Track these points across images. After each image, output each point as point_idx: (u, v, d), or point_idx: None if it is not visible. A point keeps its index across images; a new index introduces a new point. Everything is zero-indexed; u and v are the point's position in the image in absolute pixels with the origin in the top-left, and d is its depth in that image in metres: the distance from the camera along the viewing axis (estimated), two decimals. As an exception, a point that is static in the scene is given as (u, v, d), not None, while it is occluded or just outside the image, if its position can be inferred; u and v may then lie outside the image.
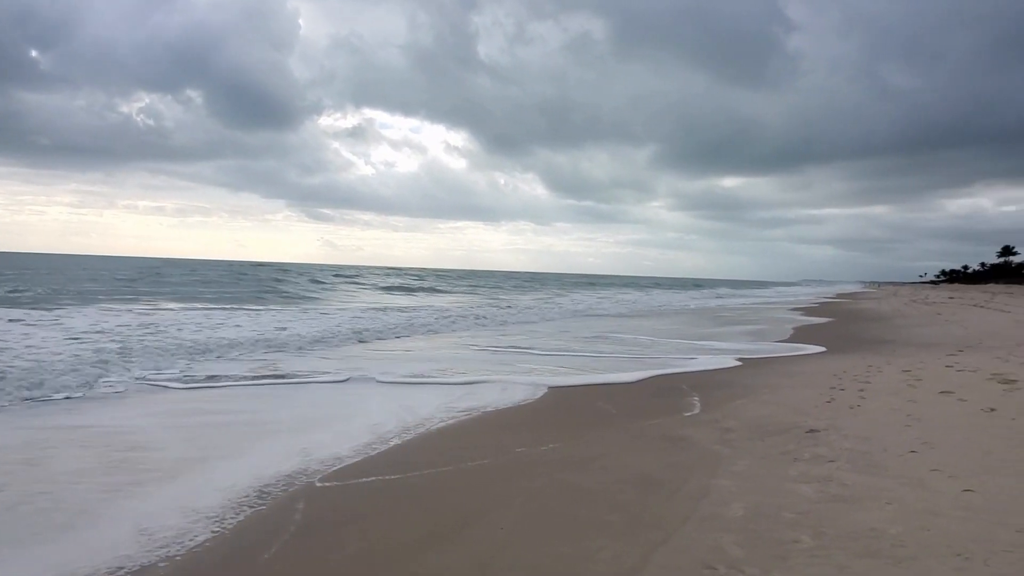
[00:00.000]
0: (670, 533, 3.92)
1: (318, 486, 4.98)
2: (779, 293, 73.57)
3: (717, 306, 39.54)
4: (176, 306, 23.58)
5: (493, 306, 30.92)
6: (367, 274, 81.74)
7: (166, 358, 10.80)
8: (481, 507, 4.50)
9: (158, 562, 3.68)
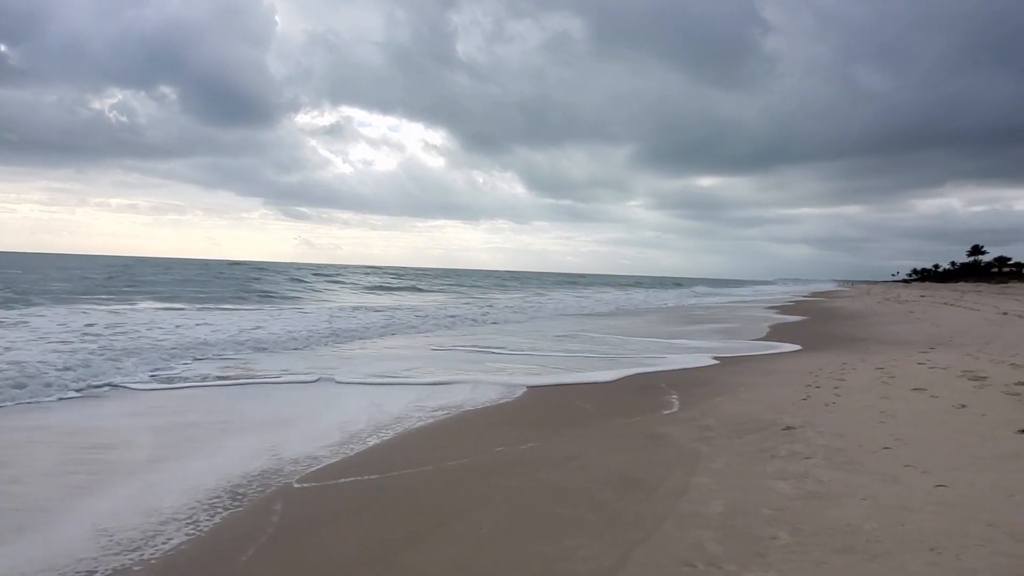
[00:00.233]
0: (650, 531, 3.93)
1: (296, 487, 4.92)
2: (756, 291, 74.45)
3: (694, 304, 39.90)
4: (148, 305, 23.20)
5: (473, 305, 30.86)
6: (346, 273, 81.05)
7: (137, 359, 10.60)
8: (461, 507, 4.49)
9: (132, 565, 3.61)
